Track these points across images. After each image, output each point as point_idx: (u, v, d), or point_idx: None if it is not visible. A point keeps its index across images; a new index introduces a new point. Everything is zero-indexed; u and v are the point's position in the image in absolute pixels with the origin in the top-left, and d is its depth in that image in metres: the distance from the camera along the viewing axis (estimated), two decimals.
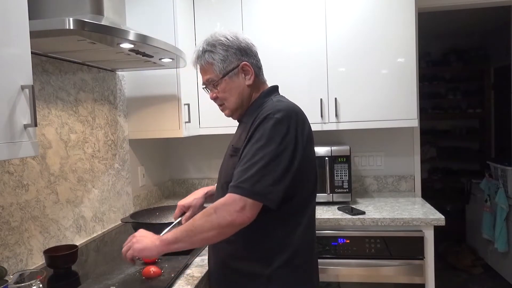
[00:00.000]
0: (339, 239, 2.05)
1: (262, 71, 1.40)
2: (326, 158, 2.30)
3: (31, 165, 1.54)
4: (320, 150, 2.31)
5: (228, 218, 1.14)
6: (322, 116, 2.35)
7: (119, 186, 2.19)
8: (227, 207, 1.14)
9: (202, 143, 2.90)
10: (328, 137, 2.65)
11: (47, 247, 1.56)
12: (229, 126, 2.31)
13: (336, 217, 2.07)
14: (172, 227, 1.44)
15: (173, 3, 2.16)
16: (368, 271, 2.02)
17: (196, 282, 1.33)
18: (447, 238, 4.13)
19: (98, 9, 1.48)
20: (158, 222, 1.85)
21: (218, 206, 1.16)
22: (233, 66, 1.31)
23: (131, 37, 1.41)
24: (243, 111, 1.37)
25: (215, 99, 1.37)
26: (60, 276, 1.46)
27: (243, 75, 1.32)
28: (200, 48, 1.33)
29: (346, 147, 2.33)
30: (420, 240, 1.99)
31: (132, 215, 1.83)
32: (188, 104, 2.26)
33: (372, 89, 2.31)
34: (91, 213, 1.92)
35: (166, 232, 1.36)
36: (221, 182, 1.37)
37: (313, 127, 2.34)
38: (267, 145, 1.16)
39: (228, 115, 1.40)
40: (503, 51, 4.42)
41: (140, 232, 1.31)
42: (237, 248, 1.27)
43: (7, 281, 1.08)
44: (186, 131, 2.26)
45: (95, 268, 1.51)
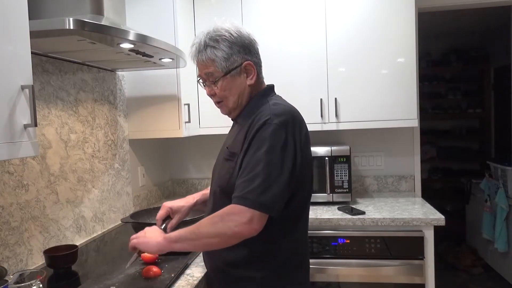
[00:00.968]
0: (339, 239, 2.05)
1: (261, 70, 1.36)
2: (326, 158, 2.30)
3: (31, 165, 1.54)
4: (320, 150, 2.31)
5: (235, 229, 1.11)
6: (322, 116, 2.35)
7: (119, 186, 2.19)
8: (233, 217, 1.11)
9: (202, 143, 2.90)
10: (328, 137, 2.65)
11: (47, 247, 1.56)
12: (229, 126, 2.30)
13: (336, 217, 2.06)
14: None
15: (173, 3, 2.16)
16: (368, 271, 2.02)
17: (196, 282, 1.33)
18: (447, 238, 4.12)
19: (98, 9, 1.48)
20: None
21: (224, 216, 1.13)
22: (236, 65, 1.25)
23: (131, 37, 1.41)
24: (241, 110, 1.32)
25: (212, 95, 1.32)
26: (60, 276, 1.46)
27: (245, 74, 1.28)
28: (202, 42, 1.25)
29: (346, 147, 2.33)
30: (420, 240, 1.99)
31: (132, 215, 1.82)
32: (188, 104, 2.26)
33: (372, 89, 2.31)
34: (91, 213, 1.92)
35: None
36: (213, 187, 1.34)
37: (313, 127, 2.33)
38: (268, 153, 1.13)
39: (225, 113, 1.35)
40: (503, 51, 4.42)
41: (152, 228, 1.32)
42: (230, 252, 1.25)
43: (7, 281, 1.08)
44: (186, 131, 2.26)
45: (95, 268, 1.51)
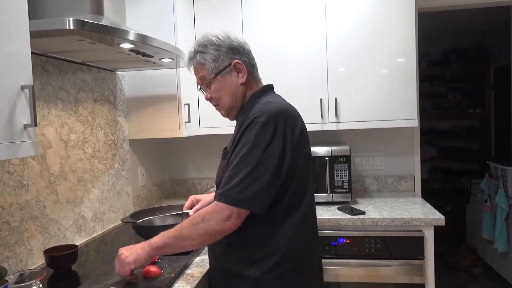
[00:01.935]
0: (339, 239, 2.05)
1: (257, 69, 1.37)
2: (326, 158, 2.30)
3: (31, 165, 1.54)
4: (320, 150, 2.31)
5: (216, 227, 1.16)
6: (322, 116, 2.35)
7: (119, 186, 2.19)
8: (213, 215, 1.16)
9: (202, 143, 2.90)
10: (328, 137, 2.65)
11: (47, 247, 1.56)
12: (229, 126, 2.31)
13: (336, 217, 2.07)
14: (177, 214, 1.65)
15: (173, 3, 2.16)
16: (368, 271, 2.02)
17: (196, 282, 1.33)
18: (447, 238, 4.13)
19: (98, 9, 1.48)
20: (158, 223, 1.85)
21: (205, 215, 1.17)
22: (225, 65, 1.29)
23: (131, 37, 1.41)
24: (238, 110, 1.35)
25: (210, 99, 1.36)
26: (60, 276, 1.46)
27: (235, 73, 1.31)
28: (192, 50, 1.32)
29: (346, 147, 2.33)
30: (420, 240, 1.99)
31: (132, 215, 1.82)
32: (188, 104, 2.26)
33: (372, 89, 2.31)
34: (91, 213, 1.92)
35: (172, 215, 1.57)
36: (216, 184, 1.37)
37: (313, 127, 2.33)
38: (252, 151, 1.16)
39: (224, 115, 1.38)
40: (503, 51, 4.42)
41: (123, 248, 1.28)
42: (227, 250, 1.27)
43: (7, 281, 1.08)
44: (186, 131, 2.26)
45: (95, 268, 1.51)
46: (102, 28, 1.34)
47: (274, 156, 1.17)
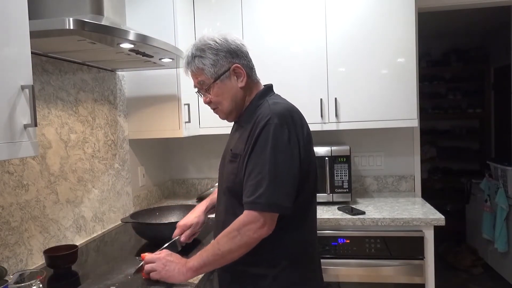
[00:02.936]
0: (339, 239, 2.05)
1: (255, 71, 1.36)
2: (326, 158, 2.30)
3: (31, 165, 1.54)
4: (320, 150, 2.31)
5: (254, 236, 1.17)
6: (322, 116, 2.35)
7: (119, 186, 2.19)
8: (250, 226, 1.16)
9: (202, 143, 2.90)
10: (328, 137, 2.65)
11: (47, 247, 1.56)
12: (229, 126, 2.30)
13: (336, 217, 2.06)
14: (169, 244, 1.46)
15: (173, 3, 2.16)
16: (368, 271, 2.02)
17: (196, 282, 1.33)
18: (447, 238, 4.13)
19: (98, 9, 1.48)
20: (158, 222, 1.85)
21: (241, 227, 1.17)
22: (224, 70, 1.28)
23: (131, 37, 1.41)
24: (238, 113, 1.35)
25: (208, 103, 1.35)
26: (60, 276, 1.46)
27: (235, 77, 1.30)
28: (189, 54, 1.30)
29: (346, 147, 2.33)
30: (420, 240, 1.99)
31: (132, 215, 1.83)
32: (188, 104, 2.26)
33: (372, 89, 2.31)
34: (91, 213, 1.92)
35: (163, 248, 1.40)
36: (223, 188, 1.37)
37: (313, 127, 2.34)
38: (273, 154, 1.16)
39: (223, 118, 1.38)
40: (503, 51, 4.42)
41: (166, 255, 1.29)
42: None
43: (7, 281, 1.08)
44: (186, 131, 2.26)
45: (95, 268, 1.51)
46: (102, 28, 1.34)
47: (294, 156, 1.20)
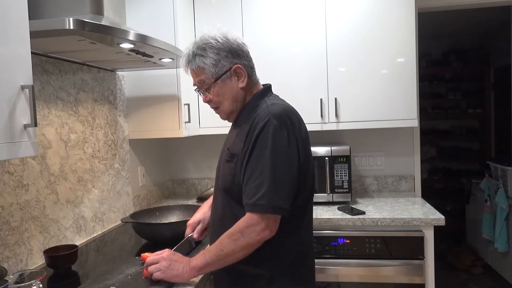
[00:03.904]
0: (339, 239, 2.05)
1: (255, 71, 1.36)
2: (326, 158, 2.30)
3: (31, 165, 1.54)
4: (320, 150, 2.31)
5: (257, 238, 1.17)
6: (322, 116, 2.35)
7: (119, 186, 2.19)
8: (253, 228, 1.17)
9: (202, 143, 2.90)
10: (328, 137, 2.65)
11: (47, 247, 1.56)
12: (229, 126, 2.30)
13: (336, 217, 2.06)
14: (183, 241, 1.49)
15: (173, 3, 2.16)
16: (368, 271, 2.02)
17: (196, 282, 1.33)
18: (447, 238, 4.13)
19: (98, 9, 1.48)
20: (158, 222, 1.85)
21: (243, 229, 1.18)
22: (225, 70, 1.28)
23: (131, 37, 1.41)
24: (238, 113, 1.35)
25: (208, 102, 1.35)
26: (60, 276, 1.46)
27: (235, 78, 1.30)
28: (190, 52, 1.30)
29: (346, 147, 2.33)
30: (420, 240, 1.99)
31: (132, 215, 1.83)
32: (188, 104, 2.26)
33: (372, 89, 2.31)
34: (91, 213, 1.92)
35: (177, 247, 1.42)
36: (219, 187, 1.37)
37: (313, 127, 2.33)
38: (273, 155, 1.17)
39: (224, 118, 1.38)
40: (503, 51, 4.41)
41: (170, 254, 1.28)
42: None
43: (7, 281, 1.08)
44: (186, 131, 2.26)
45: (95, 268, 1.51)
46: (102, 28, 1.33)
47: (293, 157, 1.20)
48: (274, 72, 2.32)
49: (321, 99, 2.35)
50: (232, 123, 1.42)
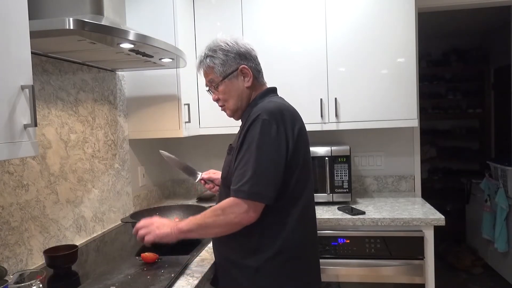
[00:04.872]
0: (339, 239, 2.05)
1: (262, 74, 1.46)
2: (326, 158, 2.30)
3: (31, 165, 1.54)
4: (320, 150, 2.31)
5: (235, 220, 1.26)
6: (322, 116, 2.35)
7: (119, 186, 2.19)
8: (233, 209, 1.26)
9: (202, 143, 2.90)
10: (328, 137, 2.65)
11: (47, 247, 1.56)
12: (229, 126, 2.32)
13: (336, 217, 2.06)
14: (191, 170, 1.74)
15: (173, 3, 2.16)
16: (368, 271, 2.02)
17: (196, 282, 1.33)
18: (447, 238, 4.13)
19: (98, 9, 1.48)
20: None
21: (225, 208, 1.27)
22: (232, 69, 1.38)
23: (131, 37, 1.41)
24: (243, 111, 1.44)
25: (217, 100, 1.46)
26: (60, 276, 1.46)
27: (242, 77, 1.40)
28: (203, 54, 1.43)
29: (346, 147, 2.33)
30: (420, 240, 1.99)
31: (132, 215, 1.83)
32: (188, 104, 2.26)
33: (372, 89, 2.31)
34: (91, 213, 1.92)
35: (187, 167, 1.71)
36: (221, 178, 1.47)
37: (313, 127, 2.34)
38: (258, 146, 1.25)
39: (230, 116, 1.47)
40: (503, 51, 4.41)
41: (159, 219, 1.43)
42: (230, 239, 1.33)
43: (7, 281, 1.08)
44: (186, 131, 2.26)
45: (95, 268, 1.51)
46: (102, 28, 1.33)
47: (279, 150, 1.27)
48: (274, 72, 2.31)
49: (321, 99, 2.35)
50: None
